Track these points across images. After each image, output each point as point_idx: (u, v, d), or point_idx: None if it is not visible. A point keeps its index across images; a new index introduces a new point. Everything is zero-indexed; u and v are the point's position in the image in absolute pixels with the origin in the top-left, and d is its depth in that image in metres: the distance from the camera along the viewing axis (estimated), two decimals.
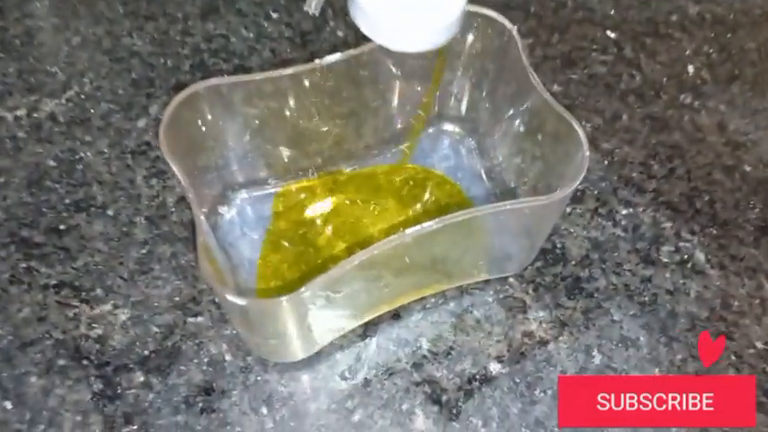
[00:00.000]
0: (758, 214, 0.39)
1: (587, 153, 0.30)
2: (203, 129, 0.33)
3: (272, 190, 0.37)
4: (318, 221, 0.36)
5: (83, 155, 0.40)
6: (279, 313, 0.28)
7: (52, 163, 0.39)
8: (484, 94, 0.38)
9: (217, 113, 0.33)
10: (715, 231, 0.39)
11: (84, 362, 0.34)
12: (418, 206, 0.37)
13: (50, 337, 0.34)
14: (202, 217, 0.29)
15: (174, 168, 0.29)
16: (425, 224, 0.28)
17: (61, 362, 0.34)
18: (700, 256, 0.38)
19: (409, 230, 0.28)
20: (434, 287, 0.35)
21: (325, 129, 0.36)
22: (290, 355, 0.33)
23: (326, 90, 0.34)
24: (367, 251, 0.27)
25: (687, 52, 0.45)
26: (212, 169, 0.36)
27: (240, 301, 0.26)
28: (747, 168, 0.41)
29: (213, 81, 0.32)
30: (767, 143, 0.42)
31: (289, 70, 0.32)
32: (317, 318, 0.31)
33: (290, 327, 0.30)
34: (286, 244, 0.35)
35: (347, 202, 0.37)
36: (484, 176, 0.38)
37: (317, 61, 0.32)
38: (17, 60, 0.43)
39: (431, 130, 0.39)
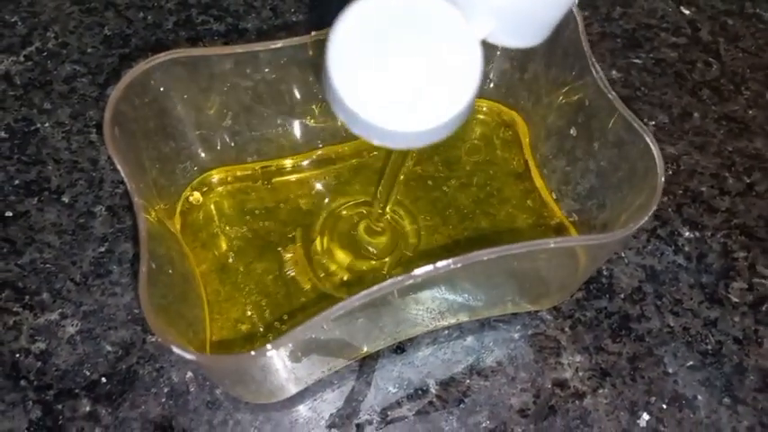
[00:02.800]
0: None
1: (662, 178, 0.22)
2: (170, 108, 0.27)
3: (259, 184, 0.31)
4: (315, 228, 0.30)
5: (39, 126, 0.35)
6: (246, 367, 0.22)
7: (2, 134, 0.35)
8: (526, 77, 0.31)
9: (188, 90, 0.27)
10: None
11: (23, 382, 0.29)
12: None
13: None
14: (146, 224, 0.22)
15: (115, 160, 0.23)
16: (439, 264, 0.21)
17: None
18: None
19: (417, 271, 0.21)
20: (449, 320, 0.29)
21: (322, 115, 0.29)
22: (264, 396, 0.27)
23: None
24: (362, 295, 0.21)
25: None
26: (182, 159, 0.29)
27: (189, 356, 0.20)
28: None
29: (182, 51, 0.25)
30: None
31: (278, 43, 0.25)
32: (297, 364, 0.25)
33: (263, 375, 0.24)
34: (271, 251, 0.29)
35: (350, 208, 0.30)
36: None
37: (313, 33, 0.25)
38: None
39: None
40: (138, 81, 0.25)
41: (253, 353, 0.21)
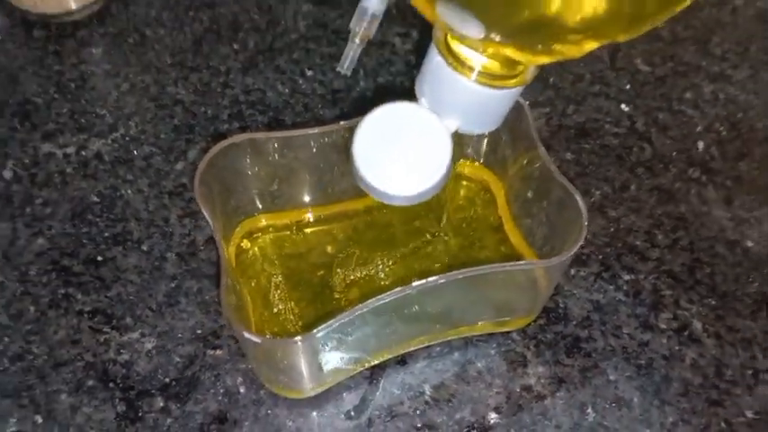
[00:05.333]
0: (757, 289, 0.41)
1: (585, 223, 0.32)
2: (235, 175, 0.36)
3: (295, 233, 0.40)
4: (337, 268, 0.39)
5: (123, 192, 0.43)
6: (291, 352, 0.31)
7: (95, 198, 0.43)
8: (497, 156, 0.41)
9: (248, 162, 0.36)
10: (713, 302, 0.40)
11: (111, 384, 0.37)
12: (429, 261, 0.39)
13: (82, 360, 0.37)
14: (225, 255, 0.31)
15: (204, 211, 0.32)
16: (430, 279, 0.30)
17: (90, 383, 0.36)
18: (697, 324, 0.39)
19: (415, 283, 0.30)
20: (440, 336, 0.38)
21: (346, 180, 0.39)
22: (299, 391, 0.36)
23: (347, 147, 0.37)
24: (377, 299, 0.30)
25: (698, 129, 0.47)
26: (240, 212, 0.39)
27: (256, 339, 0.29)
28: (750, 244, 0.43)
29: (247, 135, 0.35)
30: None
31: (315, 129, 0.35)
32: (327, 358, 0.33)
33: (301, 365, 0.33)
34: (304, 284, 0.38)
35: (364, 252, 0.39)
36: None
37: (341, 123, 0.35)
38: (70, 102, 0.46)
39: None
40: (218, 155, 0.35)
41: (299, 337, 0.30)
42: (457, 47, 0.25)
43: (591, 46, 0.22)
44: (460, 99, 0.27)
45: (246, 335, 0.29)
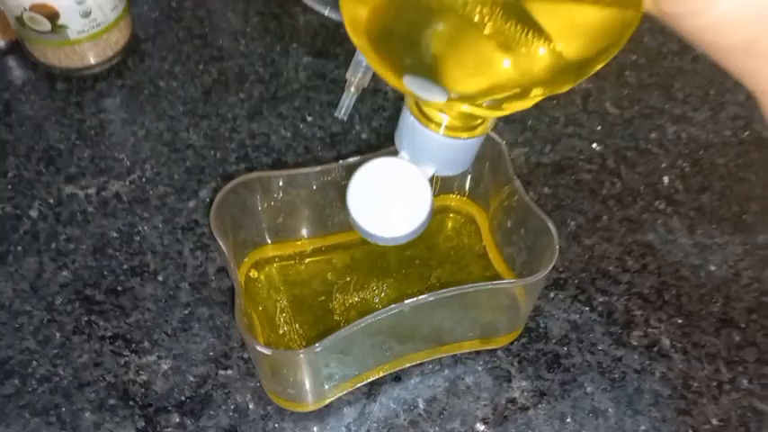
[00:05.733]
0: (719, 308, 0.45)
1: (557, 246, 0.36)
2: (244, 211, 0.40)
3: (298, 262, 0.44)
4: (336, 294, 0.43)
5: (140, 228, 0.47)
6: (296, 364, 0.35)
7: (114, 234, 0.47)
8: (481, 191, 0.45)
9: (256, 199, 0.40)
10: (680, 321, 0.44)
11: (131, 402, 0.40)
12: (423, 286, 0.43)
13: (104, 380, 0.41)
14: (239, 281, 0.35)
15: (220, 242, 0.36)
16: (419, 297, 0.34)
17: (111, 401, 0.40)
18: (665, 341, 0.43)
19: (407, 301, 0.34)
20: (431, 354, 0.41)
21: (343, 214, 0.43)
22: (303, 404, 0.39)
23: (344, 185, 0.41)
24: (371, 316, 0.34)
25: (663, 165, 0.52)
26: (249, 244, 0.43)
27: (266, 351, 0.33)
28: (712, 267, 0.47)
29: (256, 174, 0.39)
30: (731, 246, 0.48)
31: (316, 168, 0.40)
32: (328, 375, 0.37)
33: (304, 378, 0.36)
34: (306, 308, 0.42)
35: (361, 279, 0.43)
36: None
37: (340, 162, 0.39)
38: (91, 147, 0.51)
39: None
40: (229, 193, 0.39)
41: (302, 351, 0.33)
42: (425, 107, 0.30)
43: (539, 97, 0.26)
44: (433, 150, 0.31)
45: (258, 348, 0.33)
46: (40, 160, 0.50)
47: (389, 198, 0.32)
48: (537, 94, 0.24)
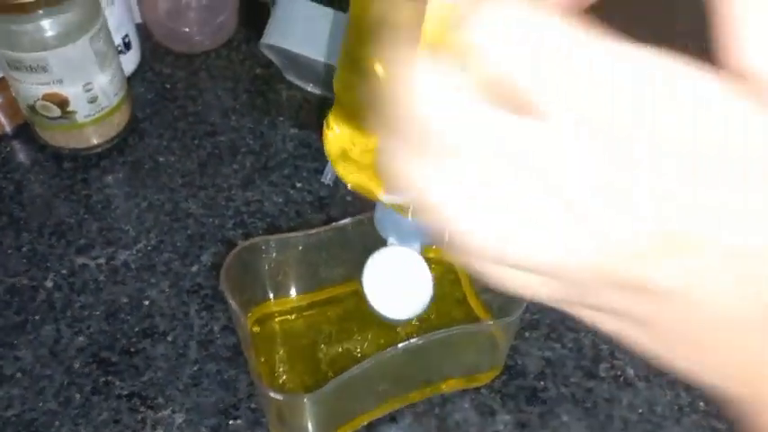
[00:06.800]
0: None
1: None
2: (246, 272, 0.45)
3: (294, 318, 0.48)
4: (333, 342, 0.47)
5: (149, 293, 0.51)
6: (302, 408, 0.39)
7: (125, 300, 0.51)
8: None
9: (258, 261, 0.45)
10: None
11: None
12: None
13: None
14: (248, 331, 0.40)
15: (232, 302, 0.41)
16: (411, 341, 0.39)
17: None
18: (630, 371, 0.48)
19: (400, 345, 0.39)
20: (422, 394, 0.46)
21: (335, 271, 0.48)
22: None
23: (336, 244, 0.46)
24: (371, 359, 0.38)
25: None
26: (251, 303, 0.47)
27: (278, 396, 0.37)
28: None
29: (256, 239, 0.44)
30: None
31: (310, 231, 0.45)
32: (329, 416, 0.41)
33: (308, 422, 0.40)
34: (302, 359, 0.46)
35: (354, 328, 0.48)
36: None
37: (332, 224, 0.44)
38: (98, 220, 0.55)
39: None
40: (235, 256, 0.43)
41: (307, 396, 0.38)
42: None
43: None
44: (414, 230, 0.36)
45: (273, 394, 0.37)
46: (52, 234, 0.54)
47: (399, 284, 0.37)
48: None
